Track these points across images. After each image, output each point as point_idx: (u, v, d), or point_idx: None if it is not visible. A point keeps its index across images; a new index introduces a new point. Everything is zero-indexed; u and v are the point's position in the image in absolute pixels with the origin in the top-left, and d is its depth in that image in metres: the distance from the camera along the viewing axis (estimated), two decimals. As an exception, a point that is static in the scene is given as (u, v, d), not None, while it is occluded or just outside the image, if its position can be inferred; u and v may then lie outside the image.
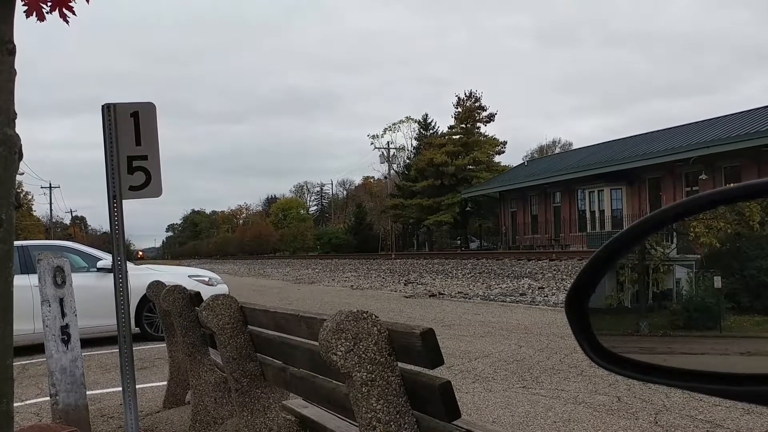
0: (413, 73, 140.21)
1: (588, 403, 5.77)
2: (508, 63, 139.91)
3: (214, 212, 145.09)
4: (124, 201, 5.11)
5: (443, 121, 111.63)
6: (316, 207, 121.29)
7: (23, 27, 2.76)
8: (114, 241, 5.11)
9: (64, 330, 5.06)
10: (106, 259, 11.37)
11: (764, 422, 4.91)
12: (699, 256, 1.04)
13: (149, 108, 5.16)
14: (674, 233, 1.06)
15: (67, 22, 2.93)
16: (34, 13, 2.87)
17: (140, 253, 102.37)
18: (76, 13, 2.93)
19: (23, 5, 2.81)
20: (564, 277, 21.30)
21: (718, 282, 1.00)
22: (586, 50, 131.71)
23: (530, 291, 18.13)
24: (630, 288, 1.11)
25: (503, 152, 64.13)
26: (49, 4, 2.88)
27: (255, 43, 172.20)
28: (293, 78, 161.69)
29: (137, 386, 5.34)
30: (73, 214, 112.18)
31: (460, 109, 62.71)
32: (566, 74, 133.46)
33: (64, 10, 2.88)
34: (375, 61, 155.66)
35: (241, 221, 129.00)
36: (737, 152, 31.34)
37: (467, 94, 62.92)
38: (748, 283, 0.96)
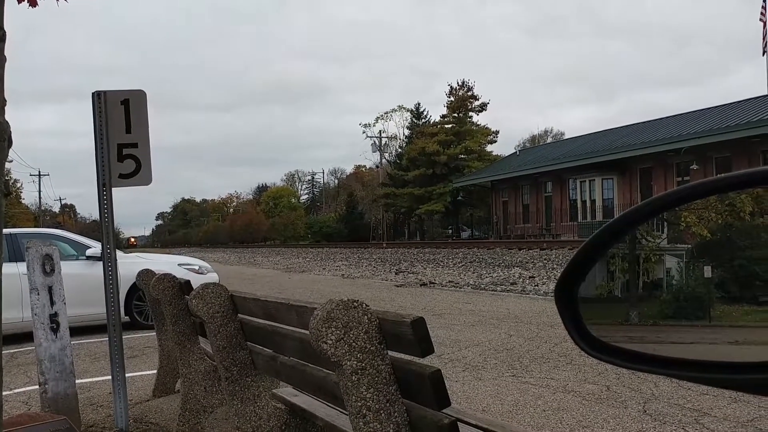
0: (404, 64, 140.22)
1: (577, 392, 5.80)
2: (499, 53, 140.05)
3: (204, 201, 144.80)
4: (113, 189, 5.09)
5: (435, 111, 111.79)
6: (307, 196, 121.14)
7: (9, 12, 2.73)
8: (103, 229, 5.09)
9: (53, 318, 5.04)
10: (95, 247, 11.32)
11: (750, 410, 4.95)
12: (689, 246, 1.04)
13: (140, 95, 5.14)
14: (665, 223, 1.06)
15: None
16: (26, 0, 2.84)
17: (132, 239, 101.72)
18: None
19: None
20: (555, 266, 21.36)
21: (708, 272, 1.00)
22: (577, 41, 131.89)
23: (521, 280, 18.19)
24: (620, 277, 1.10)
25: (495, 142, 64.30)
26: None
27: (244, 33, 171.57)
28: (283, 68, 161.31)
29: (127, 375, 5.34)
30: (63, 202, 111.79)
31: (452, 99, 62.72)
32: (557, 65, 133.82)
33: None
34: (365, 51, 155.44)
35: (231, 210, 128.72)
36: (728, 143, 31.47)
37: (459, 84, 63.02)
38: (738, 273, 0.96)
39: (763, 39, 38.42)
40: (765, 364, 0.85)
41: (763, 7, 38.21)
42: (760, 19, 38.55)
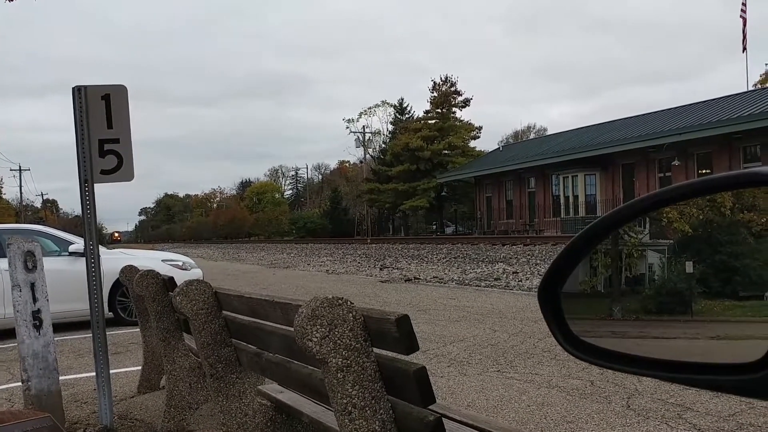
0: (389, 59, 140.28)
1: (561, 387, 5.83)
2: (484, 49, 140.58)
3: (187, 196, 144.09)
4: (95, 185, 5.05)
5: (419, 106, 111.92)
6: (291, 191, 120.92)
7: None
8: (86, 225, 5.06)
9: (36, 315, 5.00)
10: (78, 243, 11.23)
11: (732, 405, 5.00)
12: (671, 242, 1.05)
13: (120, 90, 5.10)
14: (647, 219, 1.07)
15: None
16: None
17: (116, 234, 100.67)
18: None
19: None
20: (538, 261, 21.45)
21: (689, 267, 1.01)
22: (562, 37, 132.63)
23: (505, 276, 18.24)
24: (603, 273, 1.11)
25: (479, 137, 64.42)
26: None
27: (229, 27, 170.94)
28: (267, 62, 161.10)
29: (111, 371, 5.30)
30: (44, 197, 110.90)
31: (435, 94, 62.75)
32: (542, 60, 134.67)
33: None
34: (350, 45, 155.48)
35: (215, 205, 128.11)
36: (709, 139, 31.72)
37: (443, 79, 63.03)
38: (719, 269, 0.97)
39: (743, 36, 38.77)
40: (744, 365, 0.85)
41: (744, 4, 38.56)
42: (741, 16, 38.91)
